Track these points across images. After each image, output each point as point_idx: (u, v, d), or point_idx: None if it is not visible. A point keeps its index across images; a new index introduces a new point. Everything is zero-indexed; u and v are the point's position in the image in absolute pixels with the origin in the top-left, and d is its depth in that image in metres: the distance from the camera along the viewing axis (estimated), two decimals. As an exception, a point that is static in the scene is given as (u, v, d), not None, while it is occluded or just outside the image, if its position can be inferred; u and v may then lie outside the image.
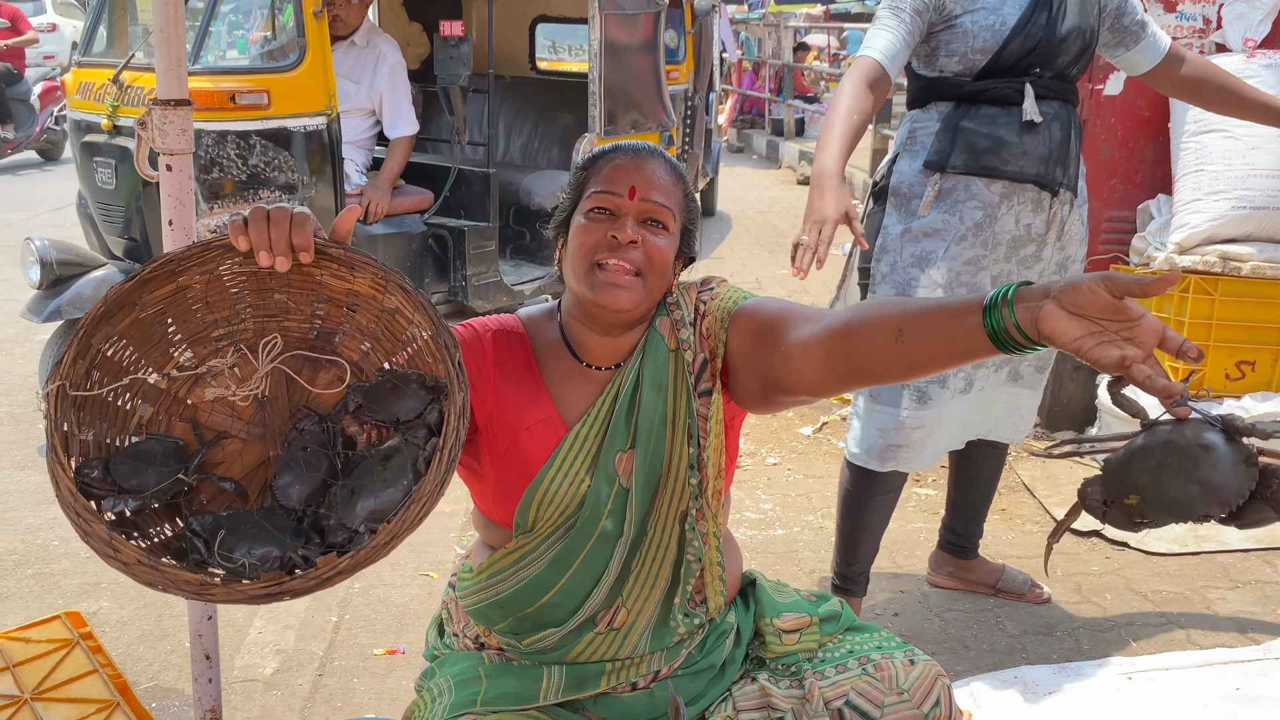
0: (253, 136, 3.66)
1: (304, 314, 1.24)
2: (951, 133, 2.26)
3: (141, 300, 1.17)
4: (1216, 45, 3.53)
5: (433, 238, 4.44)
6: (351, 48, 4.29)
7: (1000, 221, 2.29)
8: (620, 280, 1.35)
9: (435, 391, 1.18)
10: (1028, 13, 2.19)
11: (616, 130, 4.93)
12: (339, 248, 1.18)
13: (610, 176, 1.39)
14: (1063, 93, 2.29)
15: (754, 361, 1.37)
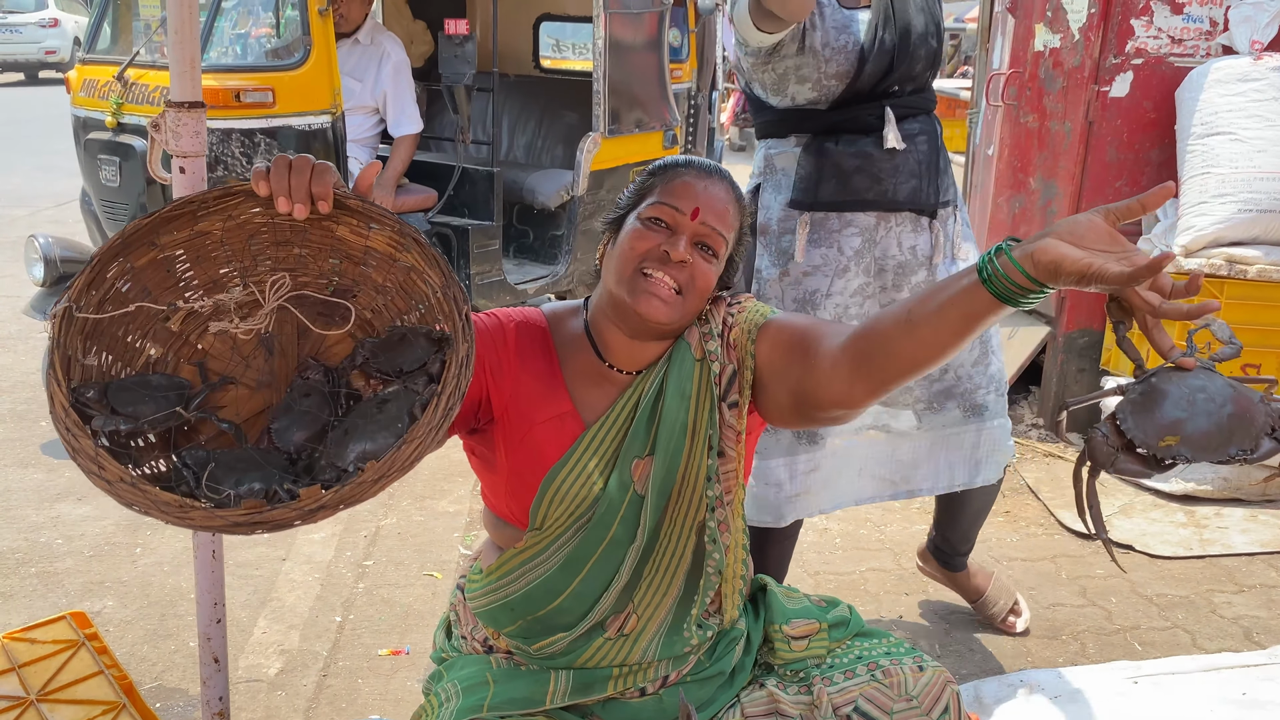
0: (257, 134, 3.65)
1: (320, 269, 1.25)
2: (815, 165, 2.11)
3: (160, 240, 1.16)
4: (1223, 47, 3.52)
5: (436, 236, 4.43)
6: (356, 45, 4.28)
7: (881, 245, 2.16)
8: (661, 293, 1.37)
9: (441, 343, 1.18)
10: (873, 26, 2.04)
11: (620, 130, 4.92)
12: (358, 199, 1.17)
13: (677, 191, 1.40)
14: (923, 105, 2.16)
15: (784, 375, 1.37)
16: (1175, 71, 3.54)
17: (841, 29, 2.01)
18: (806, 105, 2.11)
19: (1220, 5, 3.50)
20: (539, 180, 4.88)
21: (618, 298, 1.39)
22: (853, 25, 2.02)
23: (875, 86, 2.06)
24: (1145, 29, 3.52)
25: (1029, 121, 3.90)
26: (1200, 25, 3.53)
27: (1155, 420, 1.18)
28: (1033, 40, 3.87)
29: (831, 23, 2.01)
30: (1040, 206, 3.85)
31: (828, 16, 2.01)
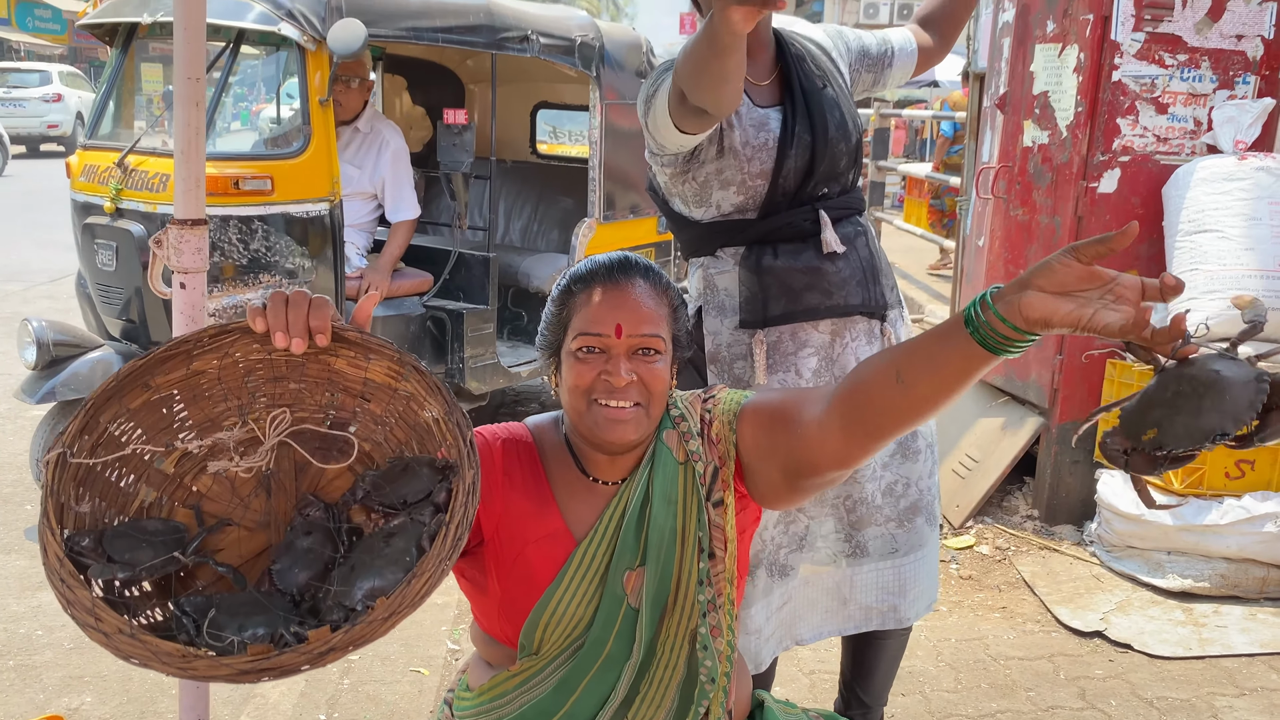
0: (255, 221, 3.68)
1: (317, 403, 1.24)
2: (759, 284, 2.00)
3: (154, 381, 1.15)
4: (1208, 146, 3.59)
5: (431, 319, 4.45)
6: (356, 133, 4.34)
7: (839, 362, 2.06)
8: (623, 416, 1.36)
9: (445, 472, 1.17)
10: (786, 120, 1.96)
11: (615, 215, 4.98)
12: (356, 332, 1.18)
13: (594, 317, 1.37)
14: (854, 205, 2.10)
15: (772, 453, 1.35)
16: (1161, 169, 3.60)
17: (759, 126, 1.95)
18: (734, 214, 2.01)
19: (1204, 106, 3.58)
20: (534, 264, 4.93)
21: (585, 432, 1.38)
22: (769, 122, 1.96)
23: (802, 187, 1.99)
24: (1131, 127, 3.59)
25: (1019, 215, 3.96)
26: (1185, 125, 3.60)
27: (1142, 417, 1.20)
28: (1021, 136, 3.94)
29: (749, 120, 1.94)
30: (1031, 298, 3.88)
31: (744, 115, 1.95)
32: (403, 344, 4.30)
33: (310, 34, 3.65)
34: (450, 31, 4.13)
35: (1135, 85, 3.56)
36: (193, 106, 1.30)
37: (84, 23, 4.23)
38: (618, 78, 4.86)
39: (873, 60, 2.21)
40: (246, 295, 3.71)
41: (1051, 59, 3.77)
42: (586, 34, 4.70)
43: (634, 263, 1.44)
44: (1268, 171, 3.36)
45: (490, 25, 4.25)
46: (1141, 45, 3.53)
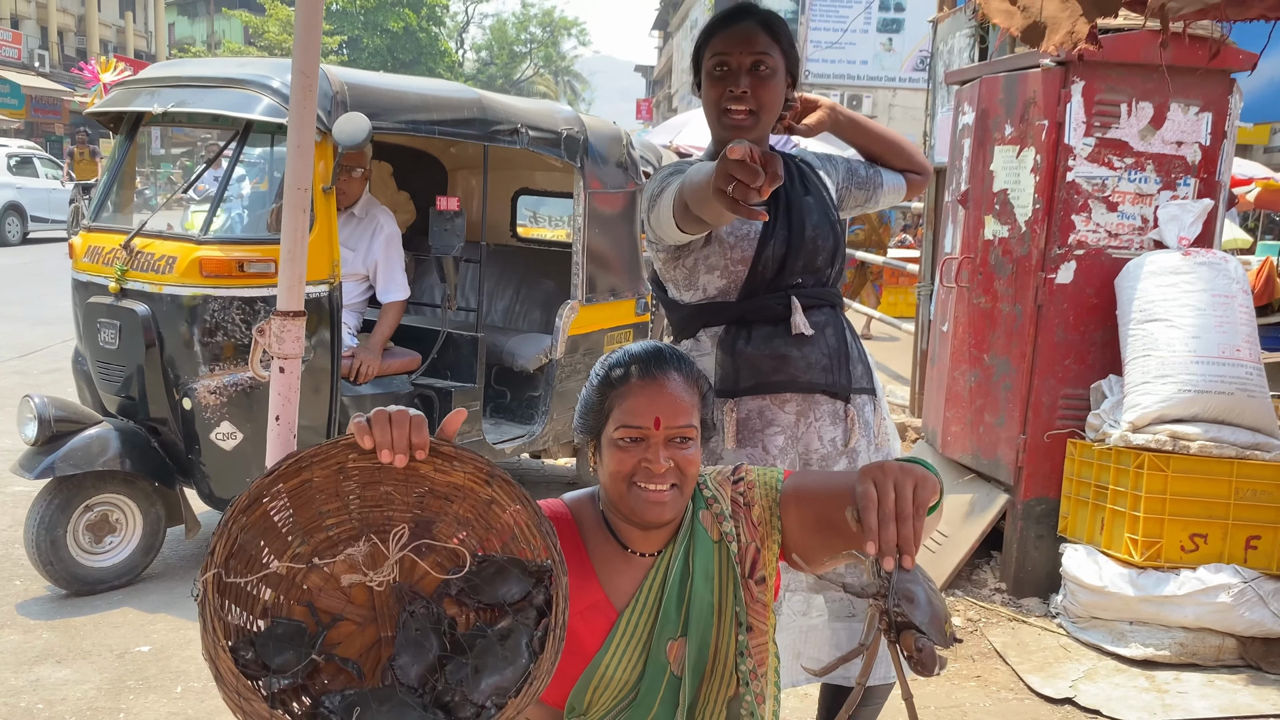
0: (258, 303, 3.81)
1: (405, 504, 1.37)
2: (731, 356, 2.20)
3: (271, 490, 1.29)
4: (1155, 242, 3.89)
5: (419, 397, 4.57)
6: (351, 218, 4.51)
7: (803, 441, 2.21)
8: (660, 499, 1.49)
9: (536, 575, 1.31)
10: (771, 215, 2.16)
11: (596, 297, 5.18)
12: (449, 445, 1.33)
13: (633, 409, 1.51)
14: (828, 298, 2.26)
15: (823, 545, 1.51)
16: (1114, 262, 3.89)
17: (743, 220, 2.10)
18: (718, 296, 2.21)
19: (1150, 205, 3.89)
20: (519, 344, 5.09)
21: (625, 510, 1.52)
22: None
23: (779, 275, 2.17)
24: (1085, 224, 3.89)
25: (981, 303, 4.22)
26: (1133, 221, 3.91)
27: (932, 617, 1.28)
28: (983, 229, 4.23)
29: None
30: (996, 381, 4.13)
31: None
32: (392, 421, 4.41)
33: (316, 126, 3.84)
34: (446, 125, 4.35)
35: (1088, 185, 3.86)
36: (300, 213, 1.46)
37: (92, 110, 4.39)
38: (600, 168, 5.11)
39: (861, 180, 2.42)
40: (246, 373, 3.82)
41: (1010, 160, 4.07)
42: (572, 127, 4.95)
43: (668, 355, 1.58)
44: (1210, 266, 3.65)
45: (483, 119, 4.48)
46: (1092, 149, 3.84)
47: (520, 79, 54.14)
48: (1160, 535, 3.54)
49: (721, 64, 2.13)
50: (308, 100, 1.42)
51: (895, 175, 2.45)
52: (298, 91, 1.41)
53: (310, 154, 1.42)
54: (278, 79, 3.88)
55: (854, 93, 24.26)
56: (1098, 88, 3.81)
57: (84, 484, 3.86)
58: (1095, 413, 3.82)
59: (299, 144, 1.41)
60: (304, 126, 1.42)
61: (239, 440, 3.87)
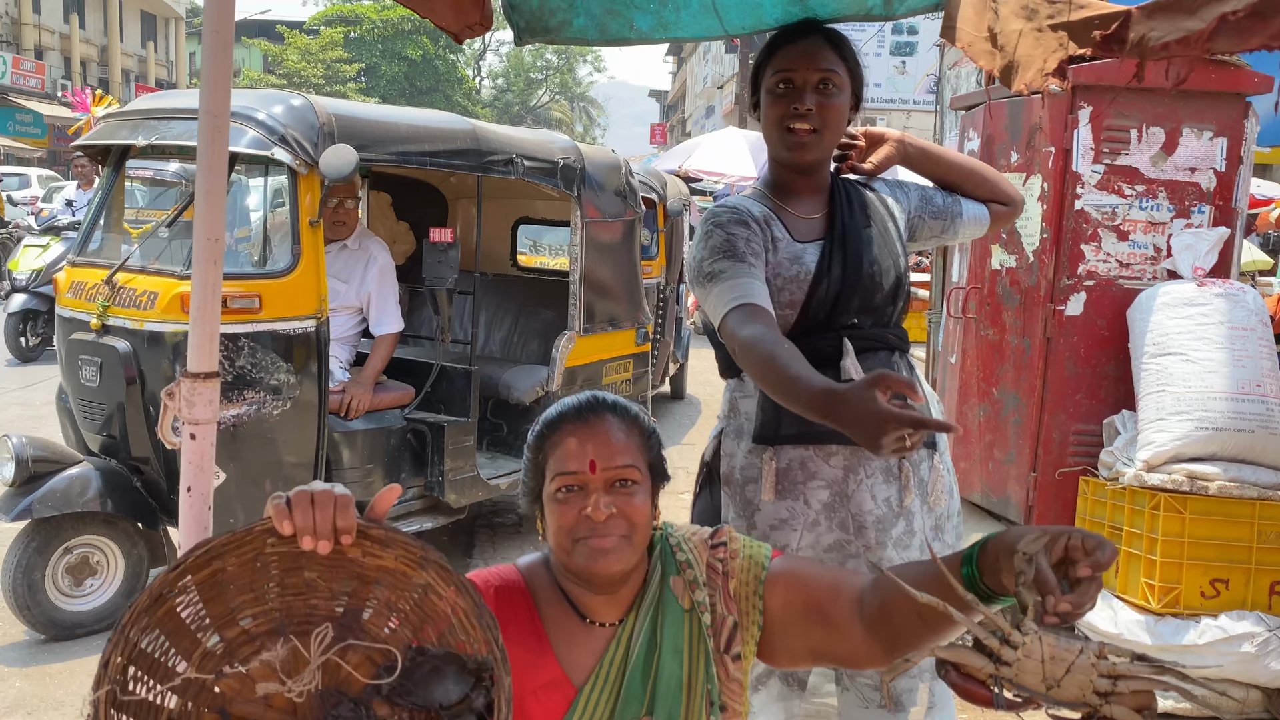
0: (242, 339, 3.71)
1: (331, 591, 1.25)
2: (775, 409, 2.00)
3: (178, 585, 1.17)
4: (1168, 272, 3.74)
5: (412, 432, 4.46)
6: (344, 249, 4.42)
7: (854, 500, 2.01)
8: (606, 546, 1.37)
9: (476, 673, 1.18)
10: (824, 255, 2.01)
11: (594, 328, 5.07)
12: (379, 528, 1.20)
13: (567, 455, 1.40)
14: (887, 339, 2.07)
15: (804, 635, 1.40)
16: (1125, 293, 3.74)
17: (794, 260, 2.01)
18: None
19: (1163, 234, 3.75)
20: (515, 376, 4.98)
21: (574, 568, 1.40)
22: (804, 256, 2.01)
23: (831, 316, 2.01)
24: (1095, 253, 3.75)
25: (989, 335, 4.08)
26: (1146, 251, 3.76)
27: None
28: (989, 259, 4.09)
29: (785, 254, 2.01)
30: (1005, 416, 3.97)
31: (781, 250, 2.01)
32: (383, 458, 4.31)
33: (302, 158, 3.75)
34: (438, 155, 4.26)
35: (1097, 213, 3.72)
36: (210, 265, 1.34)
37: (78, 144, 4.32)
38: (598, 197, 5.01)
39: (937, 209, 2.21)
40: (231, 411, 3.72)
41: (1017, 187, 3.93)
42: (568, 157, 4.86)
43: (601, 400, 1.47)
44: (1226, 297, 3.50)
45: (477, 150, 4.39)
46: (1101, 176, 3.71)
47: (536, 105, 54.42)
48: (1179, 580, 3.37)
49: (785, 80, 1.99)
50: (217, 142, 1.30)
51: (977, 205, 2.25)
52: (206, 133, 1.29)
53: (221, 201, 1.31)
54: (263, 110, 3.80)
55: (868, 115, 24.21)
56: (1106, 113, 3.68)
57: (63, 525, 3.75)
58: (1108, 449, 3.66)
59: (207, 190, 1.30)
60: (213, 171, 1.31)
61: (222, 480, 3.75)
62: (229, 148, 3.76)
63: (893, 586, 1.26)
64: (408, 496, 4.43)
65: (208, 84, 1.26)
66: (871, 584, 1.33)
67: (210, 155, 1.29)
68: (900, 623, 1.27)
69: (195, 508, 1.40)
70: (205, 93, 1.26)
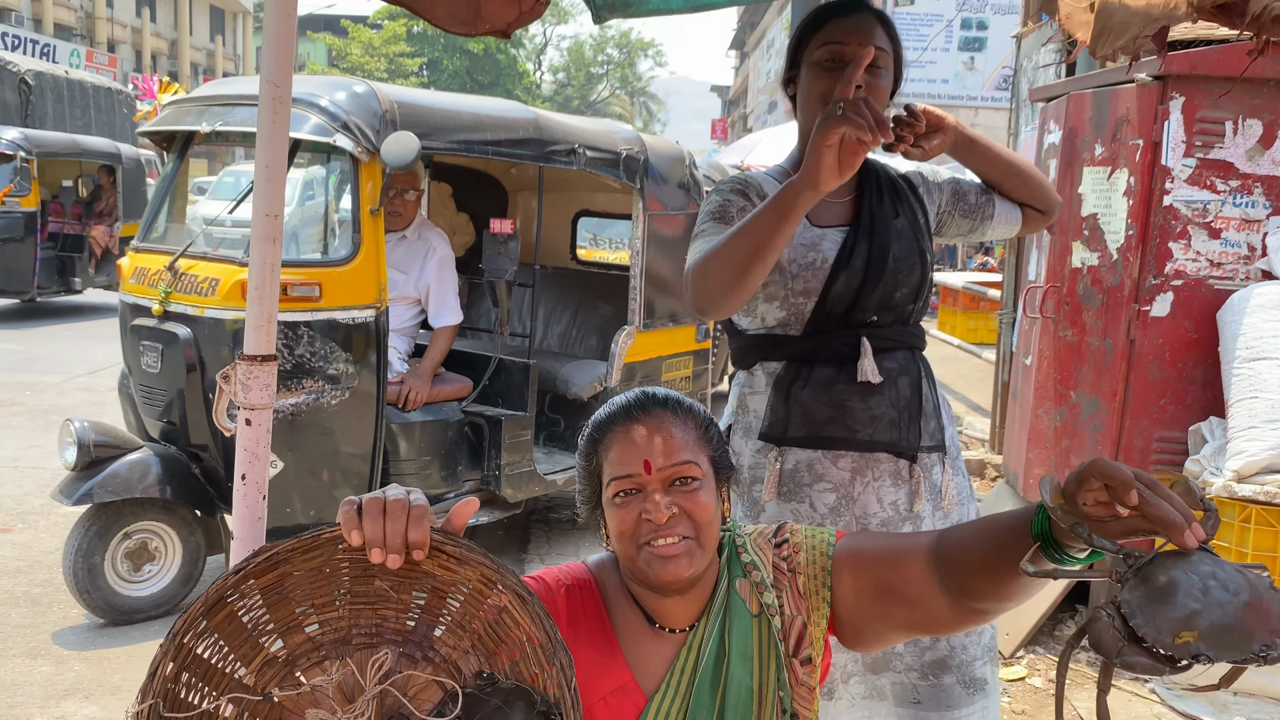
0: (301, 327, 3.69)
1: (403, 603, 1.17)
2: (784, 400, 1.93)
3: (240, 589, 1.11)
4: (1263, 272, 3.55)
5: (469, 425, 4.42)
6: (403, 240, 4.39)
7: (859, 503, 1.93)
8: (673, 552, 1.29)
9: (545, 715, 1.10)
10: (847, 244, 1.90)
11: (654, 323, 4.97)
12: (454, 544, 1.13)
13: (619, 459, 1.33)
14: (907, 339, 1.98)
15: (885, 616, 1.32)
16: (1216, 294, 3.56)
17: (811, 246, 1.91)
18: (777, 329, 1.96)
19: (1258, 232, 3.55)
20: (573, 371, 4.91)
21: (640, 576, 1.33)
22: (822, 243, 1.91)
23: (850, 312, 1.91)
24: (1184, 252, 3.56)
25: (1068, 336, 3.91)
26: (1239, 250, 3.57)
27: (1168, 614, 1.00)
28: (1070, 257, 3.92)
29: (800, 240, 1.91)
30: (1083, 421, 3.80)
31: (796, 234, 1.90)
32: (440, 450, 4.26)
33: (364, 145, 3.71)
34: (500, 145, 4.20)
35: (1187, 210, 3.54)
36: (269, 244, 1.27)
37: (144, 129, 4.34)
38: (661, 189, 4.91)
39: (969, 207, 2.12)
40: (290, 400, 3.69)
41: (1100, 182, 3.76)
42: (631, 148, 4.77)
43: (651, 395, 1.39)
44: (1327, 300, 3.30)
45: (539, 139, 4.32)
46: (1193, 171, 3.52)
47: (596, 100, 54.49)
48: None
49: (836, 54, 1.88)
50: (279, 115, 1.23)
51: (1012, 207, 2.13)
52: (267, 105, 1.21)
53: (282, 176, 1.23)
54: (326, 97, 3.76)
55: (933, 112, 23.78)
56: (1199, 104, 3.49)
57: (123, 511, 3.76)
58: (1194, 458, 3.48)
59: (268, 164, 1.22)
60: (275, 145, 1.23)
61: (280, 469, 3.74)
62: (291, 134, 3.77)
63: (963, 549, 1.23)
64: (464, 490, 4.38)
65: (271, 52, 1.19)
66: (935, 544, 1.26)
67: (271, 128, 1.22)
68: (981, 587, 1.20)
69: (249, 496, 1.33)
70: (267, 61, 1.18)
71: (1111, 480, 1.03)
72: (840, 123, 1.39)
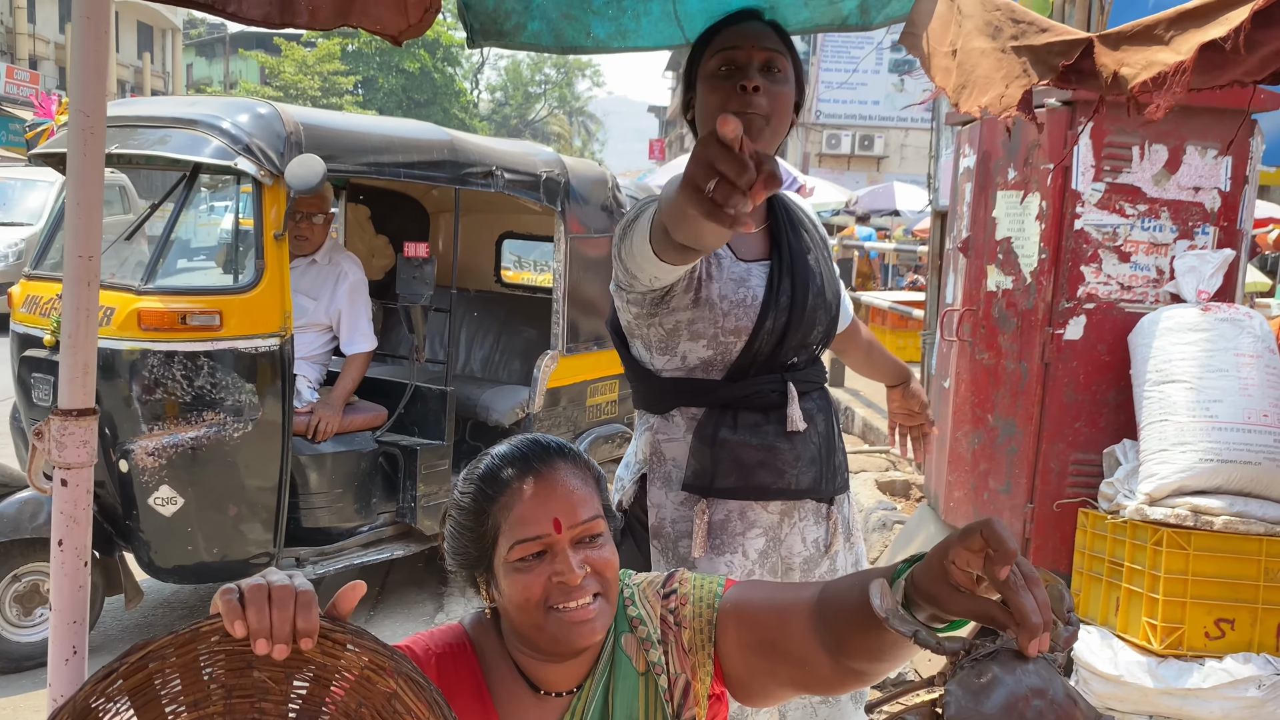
0: (201, 357, 3.55)
1: (283, 693, 1.08)
2: (709, 447, 1.81)
3: (107, 693, 1.01)
4: (1171, 295, 3.58)
5: (383, 455, 4.29)
6: (313, 265, 4.26)
7: (786, 544, 1.89)
8: (585, 616, 1.22)
9: None
10: (773, 281, 1.81)
11: (578, 347, 4.90)
12: (341, 629, 1.05)
13: (523, 518, 1.24)
14: (819, 378, 1.94)
15: (770, 673, 1.25)
16: (1127, 317, 3.58)
17: (740, 282, 1.80)
18: (699, 370, 1.84)
19: (1165, 255, 3.59)
20: (494, 397, 4.81)
21: (545, 643, 1.24)
22: (750, 279, 1.82)
23: (774, 352, 1.83)
24: (1095, 275, 3.58)
25: (985, 359, 3.91)
26: (1148, 273, 3.60)
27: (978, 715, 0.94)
28: (985, 280, 3.93)
29: (729, 274, 1.80)
30: (1000, 444, 3.81)
31: (725, 268, 1.80)
32: (353, 482, 4.13)
33: (268, 169, 3.59)
34: (413, 167, 4.10)
35: (1097, 234, 3.57)
36: (84, 287, 1.17)
37: (35, 152, 4.17)
38: (583, 211, 4.85)
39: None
40: (189, 433, 3.54)
41: (1014, 206, 3.78)
42: (552, 170, 4.70)
43: (548, 445, 1.31)
44: (1232, 323, 3.34)
45: (454, 161, 4.23)
46: (1102, 195, 3.55)
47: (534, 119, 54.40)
48: (1182, 620, 3.19)
49: (729, 61, 1.79)
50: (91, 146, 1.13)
51: (847, 316, 2.19)
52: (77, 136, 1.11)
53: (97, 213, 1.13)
54: (227, 119, 3.64)
55: (865, 133, 24.16)
56: (1107, 129, 3.52)
57: (11, 552, 3.58)
58: (1108, 481, 3.49)
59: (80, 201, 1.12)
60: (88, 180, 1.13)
61: (180, 505, 3.59)
62: (191, 157, 3.64)
63: (838, 604, 1.16)
64: (378, 523, 4.25)
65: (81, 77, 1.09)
66: (818, 600, 1.19)
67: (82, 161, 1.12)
68: (855, 644, 1.13)
69: (69, 565, 1.22)
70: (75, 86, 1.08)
71: (996, 546, 0.95)
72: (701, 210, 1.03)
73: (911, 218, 18.29)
